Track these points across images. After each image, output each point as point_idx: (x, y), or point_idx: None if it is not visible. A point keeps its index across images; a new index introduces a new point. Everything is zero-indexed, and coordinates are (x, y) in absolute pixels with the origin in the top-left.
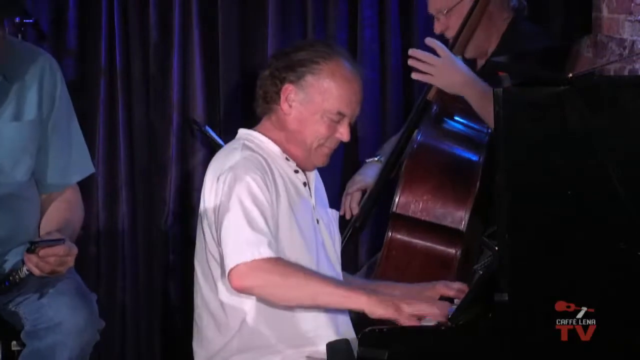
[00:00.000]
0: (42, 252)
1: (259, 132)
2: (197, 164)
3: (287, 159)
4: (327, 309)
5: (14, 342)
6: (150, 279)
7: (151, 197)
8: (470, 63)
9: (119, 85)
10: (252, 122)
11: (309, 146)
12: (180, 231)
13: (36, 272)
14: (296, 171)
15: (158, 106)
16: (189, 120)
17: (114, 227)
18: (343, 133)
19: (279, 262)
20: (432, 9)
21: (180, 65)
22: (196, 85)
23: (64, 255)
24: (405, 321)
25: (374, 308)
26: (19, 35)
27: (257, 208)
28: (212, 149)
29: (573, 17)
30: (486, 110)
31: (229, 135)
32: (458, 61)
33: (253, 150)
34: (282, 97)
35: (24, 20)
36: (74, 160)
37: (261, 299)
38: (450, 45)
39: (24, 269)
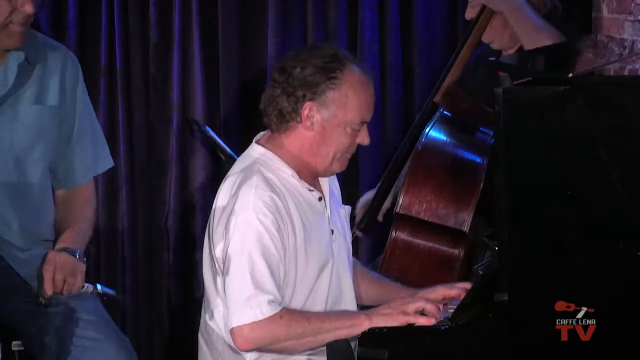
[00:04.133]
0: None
1: (273, 152)
2: (197, 164)
3: (299, 181)
4: None
5: (14, 342)
6: (150, 279)
7: (151, 197)
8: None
9: (119, 85)
10: (252, 122)
11: (332, 158)
12: (180, 231)
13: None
14: (310, 190)
15: (158, 106)
16: (189, 120)
17: (114, 227)
18: (364, 138)
19: (282, 317)
20: None
21: (180, 65)
22: (196, 85)
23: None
24: (418, 319)
25: (381, 325)
26: None
27: (266, 262)
28: (212, 149)
29: (573, 17)
30: (521, 31)
31: (229, 135)
32: None
33: (268, 180)
34: (304, 115)
35: None
36: (99, 153)
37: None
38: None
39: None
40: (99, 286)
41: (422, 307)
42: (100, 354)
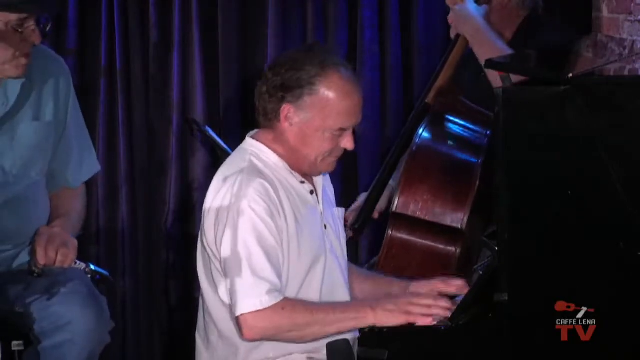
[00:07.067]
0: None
1: (265, 144)
2: (197, 163)
3: (291, 172)
4: None
5: (14, 342)
6: (150, 279)
7: (151, 197)
8: None
9: (119, 85)
10: (252, 122)
11: (313, 160)
12: (180, 231)
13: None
14: (302, 182)
15: (158, 106)
16: (189, 120)
17: (114, 227)
18: (347, 143)
19: (285, 306)
20: None
21: (180, 65)
22: (196, 85)
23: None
24: (419, 320)
25: (383, 320)
26: None
27: (262, 249)
28: (212, 149)
29: (573, 17)
30: (481, 54)
31: (229, 135)
32: (471, 11)
33: (259, 170)
34: (282, 116)
35: None
36: (87, 160)
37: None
38: None
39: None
40: (91, 265)
41: (426, 312)
42: (64, 304)
